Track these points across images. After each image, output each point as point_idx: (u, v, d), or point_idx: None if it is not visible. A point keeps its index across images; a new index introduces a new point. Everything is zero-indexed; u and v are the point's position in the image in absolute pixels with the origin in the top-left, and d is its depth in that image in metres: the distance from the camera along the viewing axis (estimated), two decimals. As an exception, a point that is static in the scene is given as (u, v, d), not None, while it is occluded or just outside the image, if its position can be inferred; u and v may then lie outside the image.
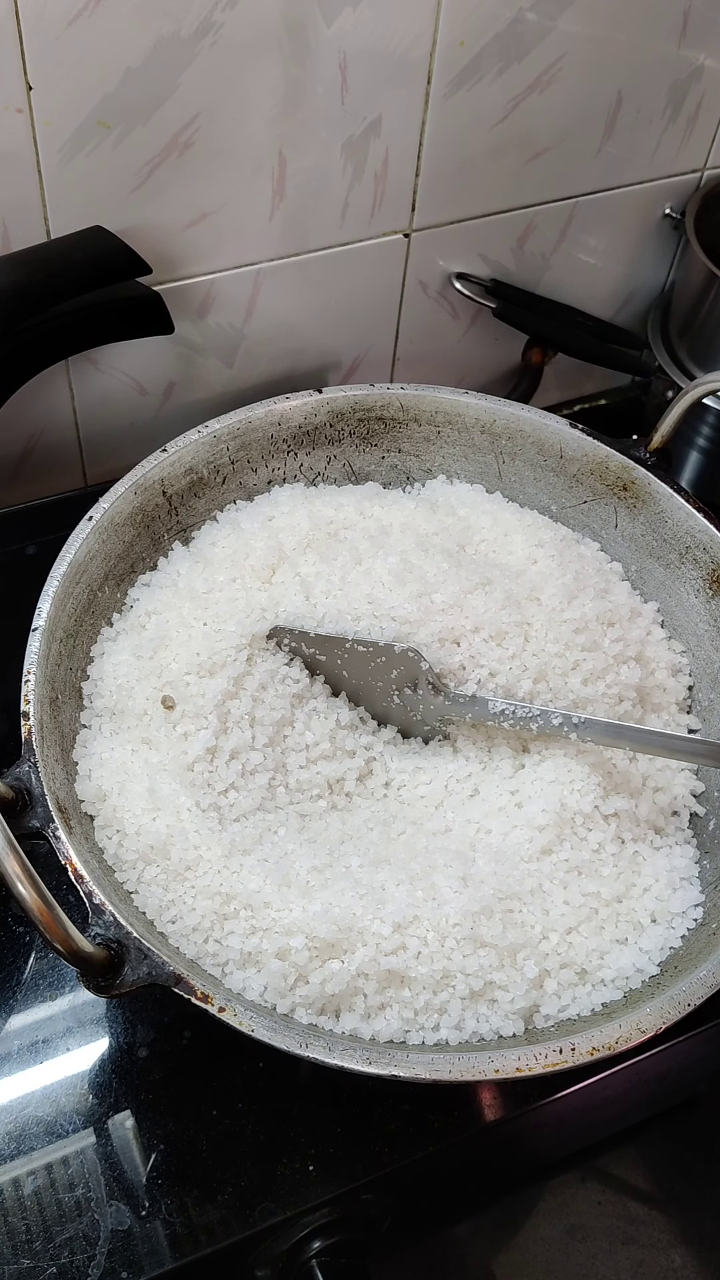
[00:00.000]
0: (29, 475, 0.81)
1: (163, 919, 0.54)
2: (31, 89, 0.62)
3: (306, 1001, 0.52)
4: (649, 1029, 0.50)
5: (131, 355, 0.77)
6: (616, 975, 0.55)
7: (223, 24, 0.63)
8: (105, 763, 0.58)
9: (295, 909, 0.54)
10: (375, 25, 0.67)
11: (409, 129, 0.73)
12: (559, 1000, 0.54)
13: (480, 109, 0.74)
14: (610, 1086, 0.59)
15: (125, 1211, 0.55)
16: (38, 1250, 0.54)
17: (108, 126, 0.65)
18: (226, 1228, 0.55)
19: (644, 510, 0.69)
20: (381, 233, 0.78)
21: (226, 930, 0.53)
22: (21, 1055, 0.59)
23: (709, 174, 0.86)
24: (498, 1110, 0.59)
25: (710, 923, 0.57)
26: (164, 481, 0.67)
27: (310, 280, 0.78)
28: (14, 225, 0.67)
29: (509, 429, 0.71)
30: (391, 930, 0.53)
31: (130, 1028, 0.60)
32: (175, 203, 0.70)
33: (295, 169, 0.72)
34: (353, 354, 0.85)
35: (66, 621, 0.61)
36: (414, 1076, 0.48)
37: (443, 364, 0.89)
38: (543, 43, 0.72)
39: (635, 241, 0.87)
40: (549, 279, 0.86)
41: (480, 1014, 0.53)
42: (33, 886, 0.44)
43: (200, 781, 0.57)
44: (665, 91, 0.79)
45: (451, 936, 0.54)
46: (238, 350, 0.80)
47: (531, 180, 0.79)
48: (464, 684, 0.61)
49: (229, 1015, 0.48)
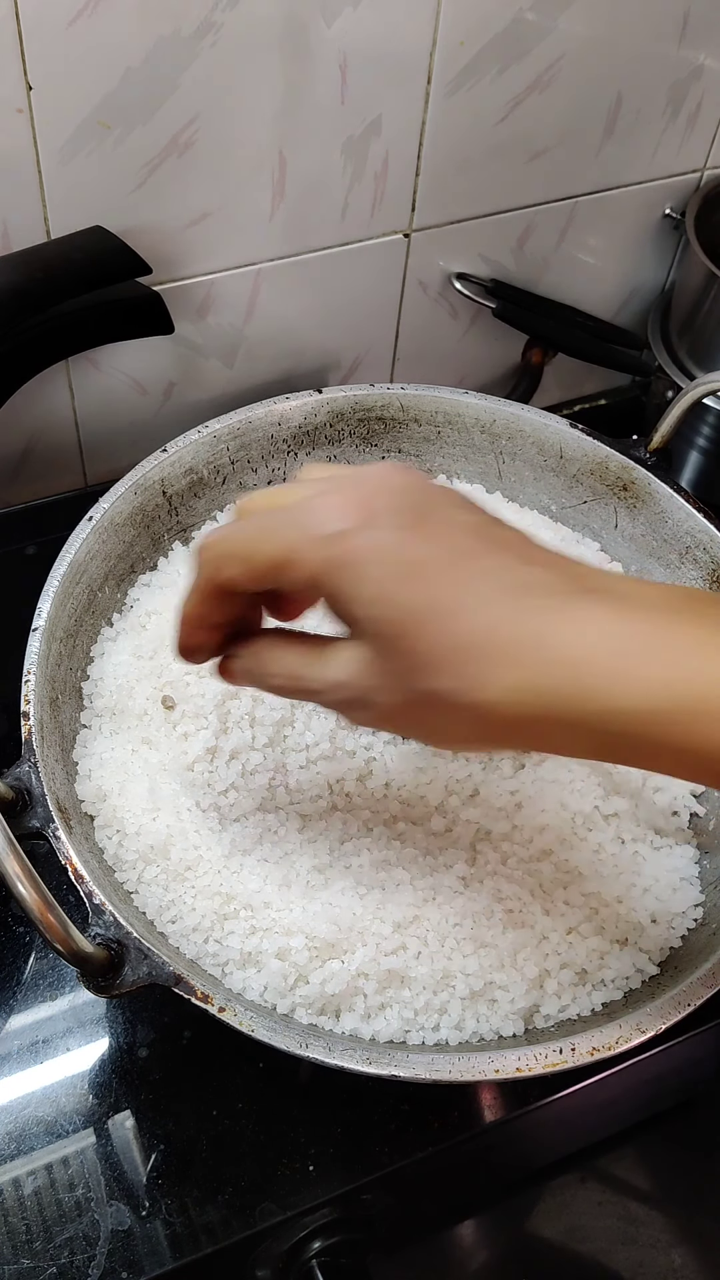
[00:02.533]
0: (29, 475, 0.81)
1: (163, 919, 0.54)
2: (31, 89, 0.62)
3: (306, 1001, 0.52)
4: (649, 1029, 0.50)
5: (131, 355, 0.77)
6: (616, 975, 0.55)
7: (223, 24, 0.63)
8: (105, 763, 0.58)
9: (295, 909, 0.54)
10: (375, 25, 0.67)
11: (409, 129, 0.73)
12: (559, 1000, 0.54)
13: (480, 109, 0.74)
14: (610, 1086, 0.59)
15: (125, 1211, 0.55)
16: (38, 1250, 0.54)
17: (108, 126, 0.65)
18: (226, 1228, 0.55)
19: (644, 510, 0.69)
20: (381, 233, 0.78)
21: (226, 930, 0.53)
22: (21, 1055, 0.59)
23: (709, 174, 0.86)
24: (498, 1110, 0.59)
25: (710, 923, 0.57)
26: (164, 481, 0.67)
27: (310, 280, 0.78)
28: (14, 225, 0.67)
29: (509, 429, 0.71)
30: (392, 930, 0.53)
31: (130, 1028, 0.60)
32: (175, 203, 0.70)
33: (295, 169, 0.72)
34: (353, 354, 0.85)
35: (66, 621, 0.61)
36: (414, 1076, 0.48)
37: (443, 364, 0.89)
38: (542, 43, 0.72)
39: (635, 241, 0.87)
40: (549, 279, 0.86)
41: (480, 1014, 0.53)
42: (33, 886, 0.44)
43: (200, 781, 0.57)
44: (665, 91, 0.79)
45: (452, 936, 0.54)
46: (238, 350, 0.80)
47: (531, 180, 0.79)
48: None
49: (229, 1015, 0.48)
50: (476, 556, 0.40)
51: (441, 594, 0.39)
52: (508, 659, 0.39)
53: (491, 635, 0.39)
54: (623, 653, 0.38)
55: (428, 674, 0.40)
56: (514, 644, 0.39)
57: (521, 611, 0.39)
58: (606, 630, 0.39)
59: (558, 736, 0.40)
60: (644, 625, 0.39)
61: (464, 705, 0.40)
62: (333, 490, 0.42)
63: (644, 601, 0.40)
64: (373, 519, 0.40)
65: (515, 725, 0.40)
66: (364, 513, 0.41)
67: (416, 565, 0.40)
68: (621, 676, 0.38)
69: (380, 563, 0.40)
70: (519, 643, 0.39)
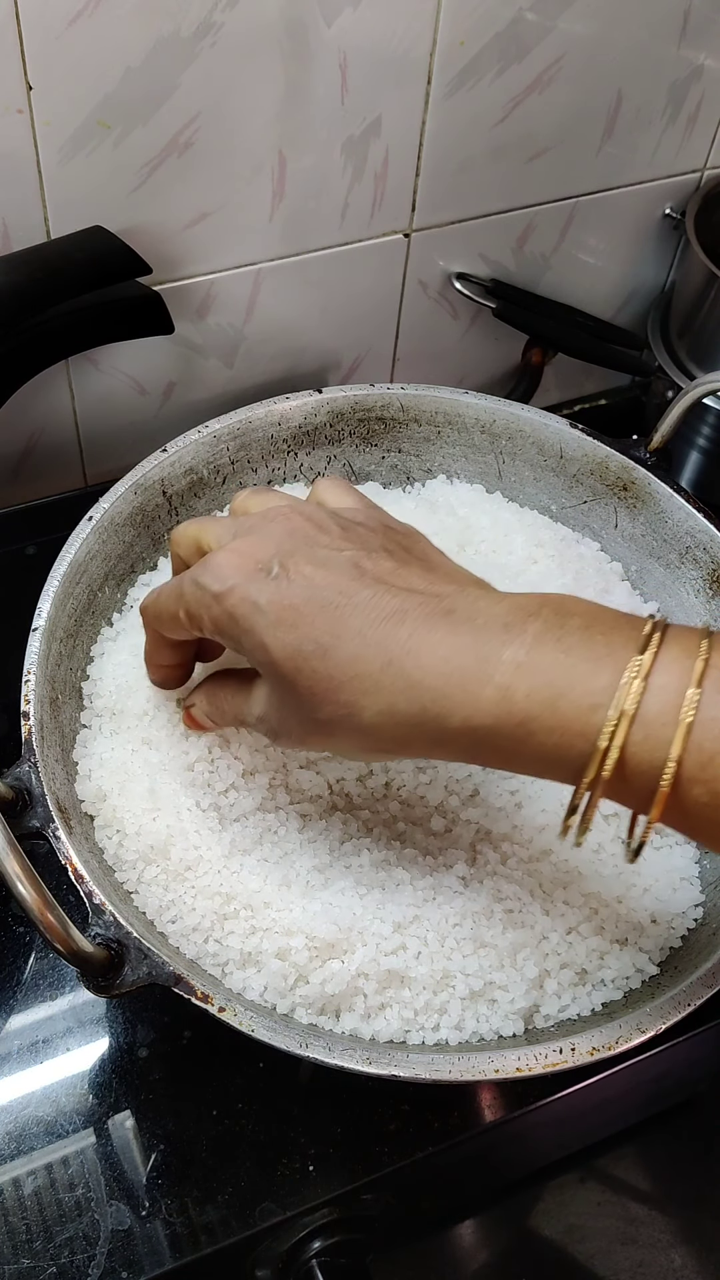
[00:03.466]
0: (29, 475, 0.81)
1: (163, 919, 0.54)
2: (31, 89, 0.62)
3: (306, 1001, 0.52)
4: (649, 1029, 0.50)
5: (131, 355, 0.77)
6: (616, 975, 0.55)
7: (223, 24, 0.63)
8: (105, 763, 0.58)
9: (295, 909, 0.54)
10: (375, 25, 0.67)
11: (409, 129, 0.73)
12: (559, 1000, 0.54)
13: (480, 109, 0.74)
14: (610, 1086, 0.59)
15: (125, 1211, 0.55)
16: (38, 1250, 0.54)
17: (108, 126, 0.65)
18: (226, 1228, 0.55)
19: (644, 510, 0.69)
20: (381, 233, 0.78)
21: (226, 930, 0.53)
22: (21, 1055, 0.59)
23: (709, 174, 0.86)
24: (498, 1110, 0.59)
25: (710, 923, 0.57)
26: (164, 481, 0.67)
27: (310, 280, 0.78)
28: (14, 225, 0.67)
29: (509, 429, 0.71)
30: (392, 930, 0.53)
31: (130, 1028, 0.60)
32: (175, 203, 0.70)
33: (295, 169, 0.72)
34: (353, 354, 0.85)
35: (66, 621, 0.61)
36: (414, 1076, 0.48)
37: (443, 364, 0.89)
38: (542, 43, 0.72)
39: (635, 241, 0.87)
40: (549, 279, 0.87)
41: (480, 1014, 0.53)
42: (33, 886, 0.44)
43: (200, 782, 0.57)
44: (665, 91, 0.79)
45: (452, 936, 0.54)
46: (238, 350, 0.80)
47: (531, 180, 0.80)
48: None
49: (229, 1015, 0.48)
50: (349, 594, 0.45)
51: (316, 634, 0.44)
52: (374, 686, 0.44)
53: (357, 667, 0.44)
54: (460, 673, 0.43)
55: (314, 705, 0.45)
56: (377, 672, 0.44)
57: (384, 640, 0.44)
58: (449, 652, 0.43)
59: (432, 748, 0.45)
60: (481, 646, 0.43)
61: (349, 729, 0.45)
62: (230, 543, 0.48)
63: (489, 620, 0.44)
64: (254, 574, 0.46)
65: (394, 742, 0.45)
66: (249, 566, 0.46)
67: (292, 610, 0.45)
68: (461, 697, 0.42)
69: (261, 613, 0.45)
70: (382, 670, 0.43)
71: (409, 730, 0.44)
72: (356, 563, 0.46)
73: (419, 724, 0.43)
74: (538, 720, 0.42)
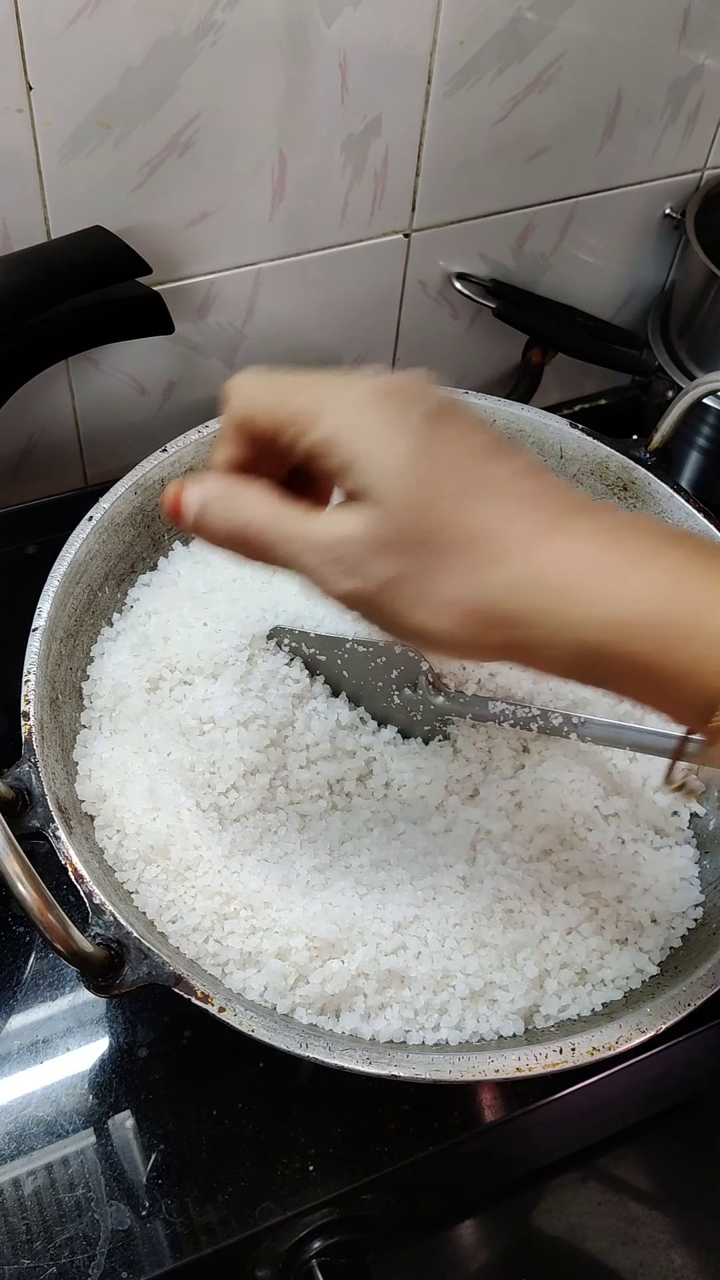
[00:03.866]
0: (29, 475, 0.81)
1: (163, 919, 0.54)
2: (31, 89, 0.62)
3: (306, 1001, 0.52)
4: (649, 1029, 0.50)
5: (131, 355, 0.77)
6: (616, 975, 0.55)
7: (223, 24, 0.63)
8: (105, 763, 0.58)
9: (295, 909, 0.54)
10: (375, 25, 0.67)
11: (409, 129, 0.73)
12: (559, 1000, 0.54)
13: (480, 109, 0.74)
14: (610, 1086, 0.59)
15: (125, 1211, 0.55)
16: (38, 1250, 0.54)
17: (108, 126, 0.65)
18: (226, 1228, 0.55)
19: (644, 510, 0.69)
20: (381, 233, 0.78)
21: (226, 930, 0.53)
22: (21, 1055, 0.59)
23: (709, 174, 0.86)
24: (498, 1110, 0.59)
25: (710, 923, 0.57)
26: (164, 481, 0.67)
27: (310, 280, 0.78)
28: (14, 225, 0.67)
29: (509, 429, 0.71)
30: (392, 930, 0.53)
31: (130, 1028, 0.60)
32: (175, 203, 0.70)
33: (295, 169, 0.72)
34: (353, 354, 0.85)
35: (66, 621, 0.61)
36: (414, 1076, 0.48)
37: (443, 364, 0.88)
38: (542, 42, 0.72)
39: (635, 241, 0.87)
40: (549, 279, 0.86)
41: (480, 1014, 0.53)
42: (33, 886, 0.44)
43: (200, 782, 0.57)
44: (665, 91, 0.79)
45: (452, 936, 0.54)
46: (238, 350, 0.80)
47: (531, 180, 0.79)
48: (464, 684, 0.61)
49: (229, 1015, 0.48)
50: (485, 463, 0.42)
51: (454, 484, 0.41)
52: (507, 554, 0.41)
53: (497, 528, 0.41)
54: (610, 569, 0.40)
55: (430, 550, 0.41)
56: (515, 540, 0.41)
57: (523, 515, 0.41)
58: (597, 545, 0.41)
59: (536, 640, 0.41)
60: (632, 547, 0.41)
61: (455, 588, 0.41)
62: (360, 376, 0.44)
63: (636, 528, 0.42)
64: (403, 404, 0.42)
65: (500, 621, 0.41)
66: (395, 398, 0.42)
67: (435, 453, 0.42)
68: (606, 588, 0.40)
69: (406, 438, 0.41)
70: (520, 540, 0.41)
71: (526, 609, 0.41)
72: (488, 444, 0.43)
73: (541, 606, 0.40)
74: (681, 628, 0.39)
